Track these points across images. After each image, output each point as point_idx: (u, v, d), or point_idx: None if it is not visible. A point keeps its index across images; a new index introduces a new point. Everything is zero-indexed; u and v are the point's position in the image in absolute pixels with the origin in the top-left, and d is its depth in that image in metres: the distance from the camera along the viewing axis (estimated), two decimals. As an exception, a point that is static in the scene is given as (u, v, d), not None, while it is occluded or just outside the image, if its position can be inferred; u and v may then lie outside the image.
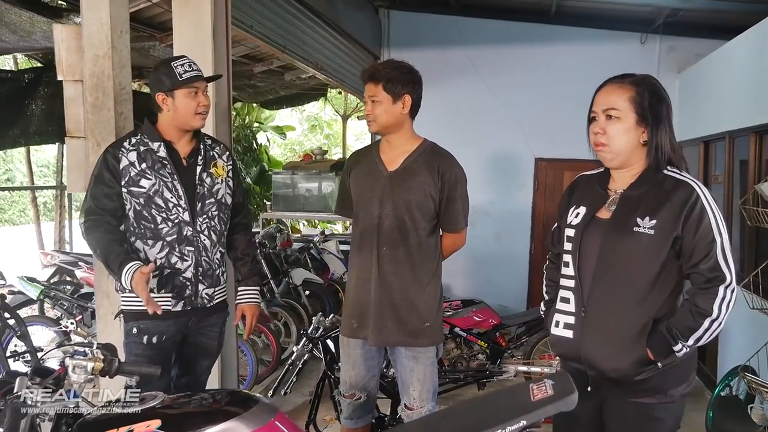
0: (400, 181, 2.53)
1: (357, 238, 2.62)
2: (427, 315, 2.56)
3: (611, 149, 1.91)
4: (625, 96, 1.87)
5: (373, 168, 2.60)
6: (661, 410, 1.91)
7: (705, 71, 5.50)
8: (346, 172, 2.73)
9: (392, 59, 2.57)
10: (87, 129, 2.70)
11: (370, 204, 2.55)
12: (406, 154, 2.57)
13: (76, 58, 2.69)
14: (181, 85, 2.38)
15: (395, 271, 2.52)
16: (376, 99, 2.49)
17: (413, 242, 2.52)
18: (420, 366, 2.57)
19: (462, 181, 2.60)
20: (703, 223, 1.80)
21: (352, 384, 2.66)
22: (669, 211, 1.83)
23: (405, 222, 2.51)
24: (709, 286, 1.81)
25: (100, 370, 1.78)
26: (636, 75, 1.93)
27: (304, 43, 4.99)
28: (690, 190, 1.83)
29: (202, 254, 2.48)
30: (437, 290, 2.61)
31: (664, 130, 1.87)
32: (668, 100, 1.90)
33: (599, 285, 1.93)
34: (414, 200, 2.50)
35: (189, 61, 2.44)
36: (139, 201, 2.40)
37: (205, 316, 2.52)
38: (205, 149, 2.57)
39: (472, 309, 4.74)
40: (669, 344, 1.83)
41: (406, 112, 2.53)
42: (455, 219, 2.60)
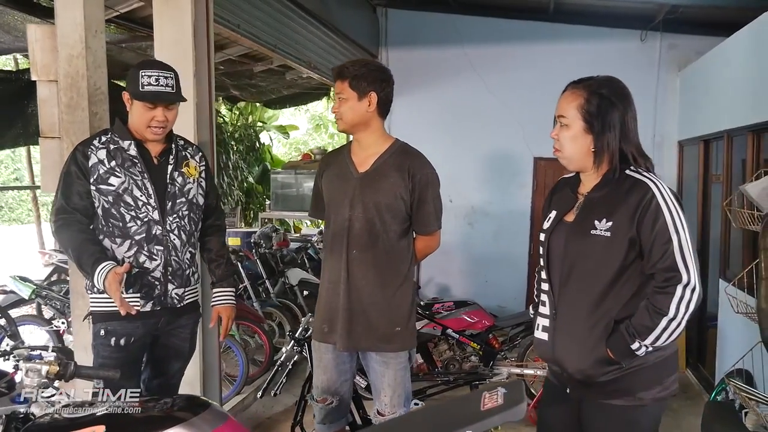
0: (370, 182, 2.49)
1: (328, 241, 2.59)
2: (398, 319, 2.52)
3: (563, 155, 1.95)
4: (574, 103, 1.89)
5: (344, 169, 2.56)
6: (632, 413, 1.89)
7: (704, 69, 5.42)
8: (318, 174, 2.69)
9: (363, 58, 2.52)
10: (62, 129, 2.69)
11: (341, 206, 2.52)
12: (377, 155, 2.53)
13: (50, 58, 2.68)
14: (138, 98, 2.36)
15: (365, 274, 2.48)
16: (342, 96, 2.46)
17: (383, 245, 2.48)
18: (390, 371, 2.53)
19: (434, 182, 2.55)
20: (658, 222, 1.78)
21: (323, 389, 2.63)
22: (624, 211, 1.82)
23: (375, 224, 2.47)
24: (666, 285, 1.78)
25: (55, 374, 1.76)
26: (594, 79, 1.92)
27: (296, 42, 4.97)
28: (645, 190, 1.81)
29: (172, 254, 2.46)
30: (409, 294, 2.57)
31: (612, 136, 1.86)
32: (623, 104, 1.88)
33: (565, 287, 1.95)
34: (384, 202, 2.47)
35: (159, 74, 2.37)
36: (108, 199, 2.38)
37: (176, 317, 2.50)
38: (177, 149, 2.55)
39: (464, 310, 4.69)
40: (628, 344, 1.81)
41: (372, 110, 2.48)
42: (427, 221, 2.55)
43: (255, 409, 4.53)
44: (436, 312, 4.67)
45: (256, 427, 4.27)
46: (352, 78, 2.43)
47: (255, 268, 5.86)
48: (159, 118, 2.39)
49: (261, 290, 5.86)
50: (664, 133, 6.26)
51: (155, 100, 2.36)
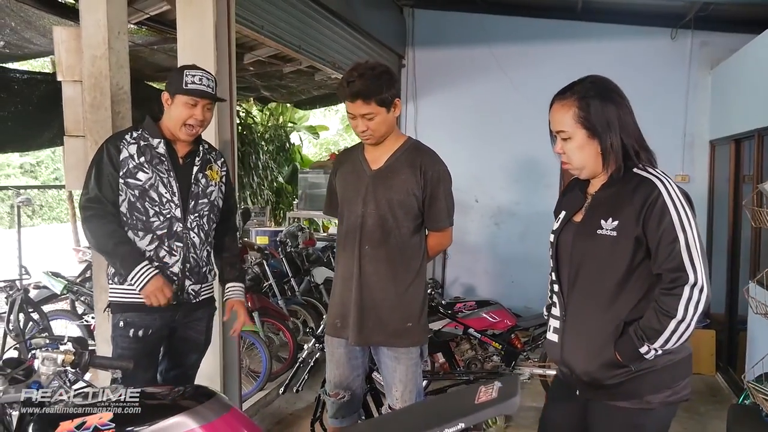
0: (383, 179, 2.51)
1: (341, 238, 2.62)
2: (409, 315, 2.53)
3: (574, 166, 1.92)
4: (569, 114, 1.86)
5: (357, 167, 2.59)
6: (639, 416, 1.86)
7: (736, 67, 5.31)
8: (333, 173, 2.73)
9: (360, 64, 2.45)
10: (85, 128, 2.77)
11: (354, 203, 2.54)
12: (390, 153, 2.55)
13: (75, 59, 2.76)
14: (183, 93, 2.45)
15: (376, 270, 2.51)
16: (370, 115, 2.42)
17: (396, 241, 2.50)
18: (402, 366, 2.54)
19: (445, 179, 2.56)
20: (664, 221, 1.75)
21: (336, 383, 2.66)
22: (630, 210, 1.79)
23: (388, 220, 2.49)
24: (673, 286, 1.75)
25: (70, 363, 1.83)
26: (577, 85, 1.89)
27: (321, 43, 5.01)
28: (651, 188, 1.78)
29: (191, 251, 2.53)
30: (421, 290, 2.58)
31: (614, 134, 1.84)
32: (614, 100, 1.86)
33: (573, 288, 1.93)
34: (396, 199, 2.49)
35: (203, 75, 2.50)
36: (134, 193, 2.46)
37: (192, 311, 2.57)
38: (204, 152, 2.65)
39: (486, 310, 4.68)
40: (636, 347, 1.78)
41: (398, 113, 2.52)
42: (438, 217, 2.56)
43: (277, 405, 4.59)
44: (458, 311, 4.66)
45: (278, 422, 4.32)
46: (377, 95, 2.38)
47: (281, 266, 5.92)
48: (198, 116, 2.49)
49: (286, 288, 5.92)
50: (695, 133, 6.13)
51: (199, 96, 2.47)
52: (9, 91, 5.72)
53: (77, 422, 1.60)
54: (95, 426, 1.58)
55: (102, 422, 1.59)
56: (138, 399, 1.69)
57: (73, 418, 1.62)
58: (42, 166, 18.28)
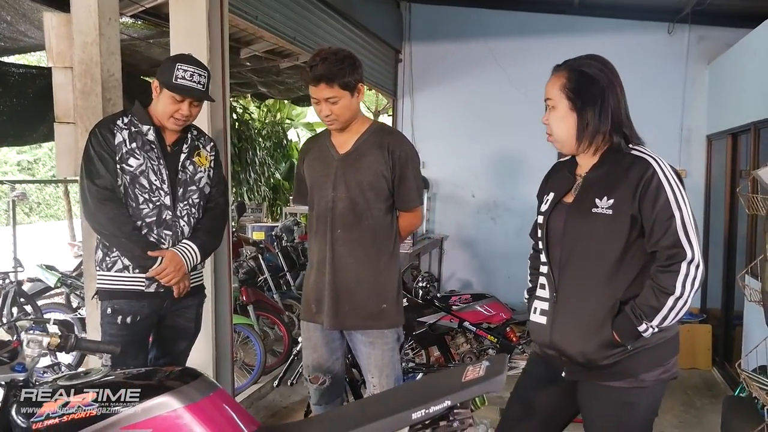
0: (352, 162, 2.52)
1: (313, 223, 2.62)
2: (384, 297, 2.55)
3: (555, 138, 1.94)
4: (558, 84, 1.90)
5: (324, 153, 2.59)
6: (633, 395, 1.86)
7: (732, 61, 5.30)
8: (300, 160, 2.72)
9: (323, 49, 2.45)
10: (76, 115, 2.75)
11: (324, 188, 2.55)
12: (357, 136, 2.56)
13: (65, 45, 2.74)
14: (170, 88, 2.42)
15: (350, 253, 2.51)
16: (333, 99, 2.42)
17: (368, 223, 2.52)
18: (377, 352, 2.54)
19: (413, 158, 2.58)
20: (660, 199, 1.75)
21: (315, 367, 2.65)
22: (625, 189, 1.80)
23: (359, 203, 2.50)
24: (670, 263, 1.75)
25: (56, 345, 1.81)
26: (576, 58, 1.92)
27: (316, 35, 4.99)
28: (646, 167, 1.79)
29: (179, 239, 2.51)
30: (395, 271, 2.60)
31: (593, 111, 1.85)
32: (604, 80, 1.86)
33: (566, 269, 1.92)
34: (366, 181, 2.50)
35: (195, 70, 2.45)
36: (127, 178, 2.44)
37: (180, 299, 2.54)
38: (191, 139, 2.62)
39: (481, 303, 4.67)
40: (634, 326, 1.78)
41: (361, 98, 2.51)
42: (408, 197, 2.58)
43: (272, 398, 4.57)
44: (453, 304, 4.65)
45: (272, 415, 4.31)
46: (340, 78, 2.38)
47: (276, 261, 5.91)
48: (184, 112, 2.46)
49: (282, 283, 5.91)
50: (692, 128, 6.13)
51: (186, 94, 2.43)
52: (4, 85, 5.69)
53: (60, 402, 1.59)
54: (78, 406, 1.57)
55: (85, 402, 1.57)
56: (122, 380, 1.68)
57: (57, 398, 1.60)
58: (39, 163, 18.27)
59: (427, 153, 7.10)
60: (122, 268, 2.44)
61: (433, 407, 1.35)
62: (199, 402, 1.60)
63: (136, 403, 1.57)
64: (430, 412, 1.35)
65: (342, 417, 1.70)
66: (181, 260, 2.44)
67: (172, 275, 2.41)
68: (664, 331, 1.84)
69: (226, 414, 1.65)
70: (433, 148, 7.01)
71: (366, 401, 1.94)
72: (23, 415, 1.62)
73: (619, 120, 1.87)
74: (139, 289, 2.43)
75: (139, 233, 2.42)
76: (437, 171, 7.01)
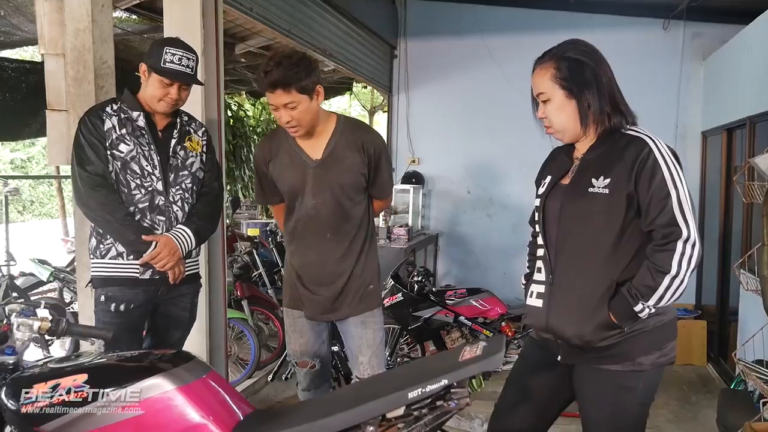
0: (329, 168, 2.48)
1: (294, 228, 2.58)
2: (369, 278, 2.59)
3: (555, 129, 1.93)
4: (547, 76, 1.88)
5: (295, 159, 2.51)
6: (629, 378, 1.85)
7: (727, 57, 5.30)
8: (261, 162, 2.60)
9: (276, 53, 2.37)
10: (68, 102, 2.73)
11: (303, 195, 2.50)
12: (327, 138, 2.50)
13: (57, 32, 2.72)
14: (159, 71, 2.40)
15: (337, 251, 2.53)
16: (292, 105, 2.33)
17: (353, 219, 2.54)
18: (369, 331, 2.58)
19: (384, 149, 2.60)
20: (656, 177, 1.74)
21: (303, 351, 2.64)
22: (621, 168, 1.79)
23: (343, 204, 2.50)
24: (666, 241, 1.74)
25: (47, 330, 1.79)
26: (556, 47, 1.91)
27: (311, 29, 4.97)
28: (642, 146, 1.78)
29: (173, 225, 2.49)
30: (375, 251, 2.66)
31: (591, 93, 1.84)
32: (592, 60, 1.86)
33: (563, 250, 1.91)
34: (347, 183, 2.49)
35: (183, 54, 2.43)
36: (117, 164, 2.42)
37: (175, 287, 2.52)
38: (181, 124, 2.60)
39: (477, 297, 4.65)
40: (631, 306, 1.77)
41: (321, 101, 2.43)
42: (383, 188, 2.63)
43: (266, 392, 4.55)
44: (449, 299, 4.63)
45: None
46: (297, 82, 2.29)
47: (271, 256, 5.89)
48: (173, 96, 2.44)
49: (276, 278, 5.89)
50: (687, 124, 6.13)
51: (174, 78, 2.41)
52: (-2, 80, 5.67)
53: (51, 384, 1.56)
54: (69, 387, 1.54)
55: (76, 384, 1.55)
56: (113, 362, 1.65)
57: (47, 380, 1.58)
58: (33, 161, 18.19)
59: (422, 149, 7.10)
60: (116, 255, 2.42)
61: (430, 386, 1.33)
62: (191, 384, 1.58)
63: (129, 384, 1.55)
64: (426, 391, 1.33)
65: (337, 398, 1.68)
66: (176, 245, 2.41)
67: (167, 260, 2.38)
68: (661, 314, 1.83)
69: (218, 396, 1.62)
70: (429, 144, 7.00)
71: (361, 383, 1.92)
72: (12, 397, 1.59)
73: (614, 96, 1.87)
74: (134, 276, 2.41)
75: (132, 218, 2.40)
76: (432, 167, 7.00)
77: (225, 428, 1.55)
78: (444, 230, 7.10)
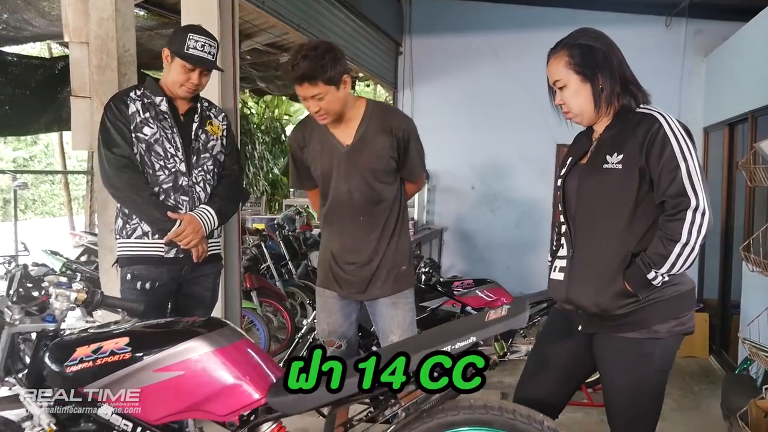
0: (359, 153, 2.54)
1: (328, 213, 2.65)
2: (402, 260, 2.64)
3: (574, 113, 2.01)
4: (561, 63, 1.97)
5: (327, 145, 2.58)
6: (647, 345, 1.92)
7: (729, 53, 5.38)
8: (296, 148, 2.68)
9: (303, 45, 2.43)
10: (92, 89, 2.80)
11: (337, 180, 2.57)
12: (356, 123, 2.56)
13: (82, 21, 2.79)
14: (182, 57, 2.48)
15: (371, 234, 2.59)
16: (319, 95, 2.39)
17: (385, 201, 2.59)
18: (399, 311, 2.62)
19: (413, 132, 2.62)
20: (666, 151, 1.81)
21: (330, 331, 2.70)
22: (634, 144, 1.87)
23: (375, 188, 2.56)
24: (676, 211, 1.81)
25: (82, 301, 1.86)
26: (568, 36, 2.00)
27: (321, 24, 5.05)
28: (652, 121, 1.86)
29: (197, 204, 2.57)
30: (407, 234, 2.70)
31: (604, 76, 1.93)
32: (602, 45, 1.95)
33: (582, 225, 2.00)
34: (378, 168, 2.55)
35: (206, 41, 2.52)
36: (142, 147, 2.50)
37: (198, 266, 2.60)
38: (202, 109, 2.68)
39: (483, 288, 4.72)
40: (644, 274, 1.84)
41: (348, 89, 2.48)
42: (414, 170, 2.66)
43: (276, 381, 4.60)
44: (455, 289, 4.70)
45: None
46: (323, 74, 2.35)
47: (278, 249, 5.94)
48: (194, 81, 2.53)
49: (284, 271, 5.94)
50: (689, 120, 6.13)
51: (197, 64, 2.50)
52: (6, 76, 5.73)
53: (93, 347, 1.63)
54: (111, 350, 1.61)
55: (118, 346, 1.62)
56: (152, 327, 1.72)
57: (90, 343, 1.65)
58: (35, 160, 18.24)
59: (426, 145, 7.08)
60: (142, 235, 2.50)
61: (460, 343, 1.40)
62: (227, 346, 1.65)
63: (168, 346, 1.62)
64: (457, 347, 1.40)
65: (367, 360, 1.75)
66: (200, 223, 2.49)
67: (191, 237, 2.46)
68: (678, 284, 1.90)
69: (253, 359, 1.70)
70: (433, 140, 7.00)
71: (390, 346, 1.99)
72: (56, 360, 1.66)
73: (625, 77, 1.96)
74: (159, 254, 2.49)
75: (157, 198, 2.49)
76: (437, 163, 7.06)
77: (259, 389, 1.63)
78: (448, 225, 7.18)
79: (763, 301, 3.47)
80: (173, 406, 1.61)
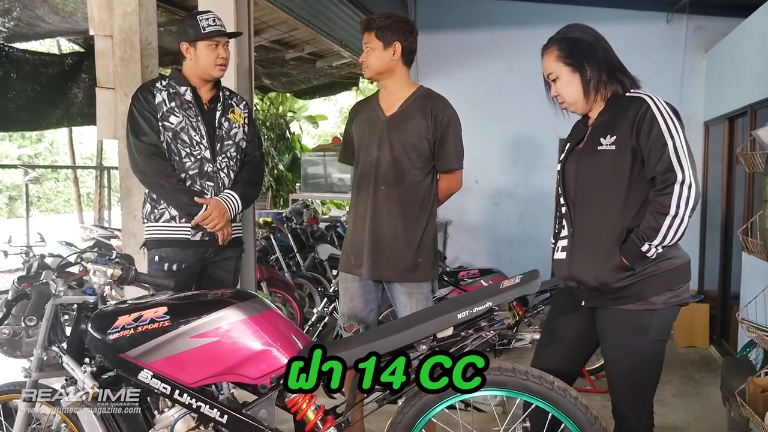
0: (396, 124, 2.66)
1: (356, 180, 2.76)
2: (420, 251, 2.67)
3: (568, 103, 2.17)
4: (552, 57, 2.14)
5: (372, 114, 2.74)
6: (644, 317, 2.04)
7: (729, 48, 5.48)
8: (349, 121, 2.87)
9: (390, 12, 2.69)
10: (116, 81, 2.91)
11: (369, 147, 2.69)
12: (403, 99, 2.70)
13: (106, 15, 2.91)
14: (203, 37, 2.60)
15: (390, 209, 2.65)
16: (369, 46, 2.63)
17: (409, 182, 2.65)
18: (413, 301, 2.68)
19: (455, 122, 2.72)
20: (653, 129, 1.94)
21: (350, 315, 2.79)
22: (624, 125, 2.00)
23: (401, 162, 2.64)
24: (664, 186, 1.93)
25: (118, 277, 1.97)
26: (558, 32, 2.16)
27: (329, 19, 5.16)
28: (641, 103, 1.99)
29: (221, 190, 2.69)
30: (432, 229, 2.74)
31: (591, 65, 2.08)
32: (588, 37, 2.10)
33: (581, 205, 2.13)
34: (409, 142, 2.64)
35: (213, 16, 2.66)
36: (169, 135, 2.63)
37: (222, 250, 2.72)
38: (224, 98, 2.80)
39: (488, 277, 4.82)
40: (638, 247, 1.96)
41: (396, 59, 2.63)
42: (447, 158, 2.69)
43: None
44: (461, 279, 4.81)
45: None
46: (378, 29, 2.60)
47: (287, 241, 6.05)
48: (223, 55, 2.67)
49: (292, 264, 6.05)
50: (690, 115, 6.28)
51: (219, 36, 2.64)
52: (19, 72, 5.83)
53: (134, 316, 1.74)
54: (151, 318, 1.73)
55: (158, 314, 1.73)
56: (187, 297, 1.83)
57: (130, 312, 1.76)
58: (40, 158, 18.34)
59: (431, 140, 7.25)
60: (169, 219, 2.62)
61: (477, 308, 1.52)
62: (258, 315, 1.76)
63: (204, 314, 1.73)
64: (474, 311, 1.52)
65: (389, 327, 1.86)
66: (225, 207, 2.61)
67: (217, 220, 2.58)
68: (673, 258, 2.03)
69: (281, 327, 1.81)
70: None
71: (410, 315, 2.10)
72: (98, 329, 1.78)
73: (612, 66, 2.10)
74: (185, 237, 2.61)
75: (183, 183, 2.61)
76: (441, 157, 7.14)
77: (289, 354, 1.74)
78: (452, 218, 7.28)
79: (761, 285, 3.56)
80: (209, 370, 1.72)
